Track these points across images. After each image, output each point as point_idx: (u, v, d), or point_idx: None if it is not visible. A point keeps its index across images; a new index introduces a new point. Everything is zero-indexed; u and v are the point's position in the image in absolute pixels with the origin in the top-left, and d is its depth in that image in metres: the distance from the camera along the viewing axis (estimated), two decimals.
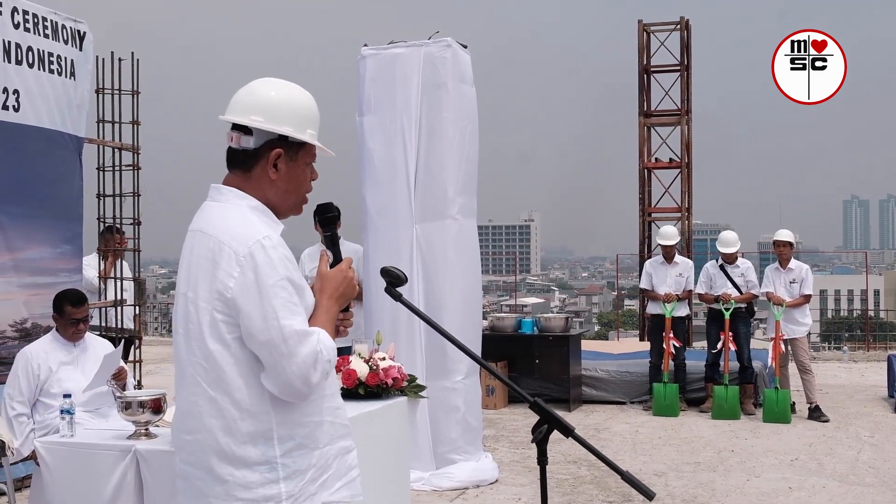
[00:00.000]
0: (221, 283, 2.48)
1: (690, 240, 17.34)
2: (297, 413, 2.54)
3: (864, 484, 7.31)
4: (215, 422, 2.50)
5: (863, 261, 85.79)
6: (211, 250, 2.52)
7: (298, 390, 2.48)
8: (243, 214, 2.57)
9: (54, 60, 7.19)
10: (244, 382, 2.49)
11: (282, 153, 2.62)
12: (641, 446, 8.78)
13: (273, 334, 2.44)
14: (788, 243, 10.41)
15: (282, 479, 2.50)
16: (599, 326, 60.63)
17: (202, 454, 2.53)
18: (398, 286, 2.81)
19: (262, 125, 2.60)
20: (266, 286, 2.45)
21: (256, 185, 2.62)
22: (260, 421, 2.49)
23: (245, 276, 2.46)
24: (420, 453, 7.07)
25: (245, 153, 2.62)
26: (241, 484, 2.49)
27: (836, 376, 13.67)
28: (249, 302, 2.45)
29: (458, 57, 7.38)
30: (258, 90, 2.67)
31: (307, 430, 2.55)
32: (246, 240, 2.49)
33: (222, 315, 2.48)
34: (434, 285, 7.30)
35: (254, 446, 2.49)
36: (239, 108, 2.64)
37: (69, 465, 4.46)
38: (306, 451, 2.55)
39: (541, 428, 2.58)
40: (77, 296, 5.83)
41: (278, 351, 2.44)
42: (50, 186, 7.22)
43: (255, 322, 2.44)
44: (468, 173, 7.46)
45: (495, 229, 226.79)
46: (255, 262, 2.47)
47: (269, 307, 2.44)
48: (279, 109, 2.63)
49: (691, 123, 17.37)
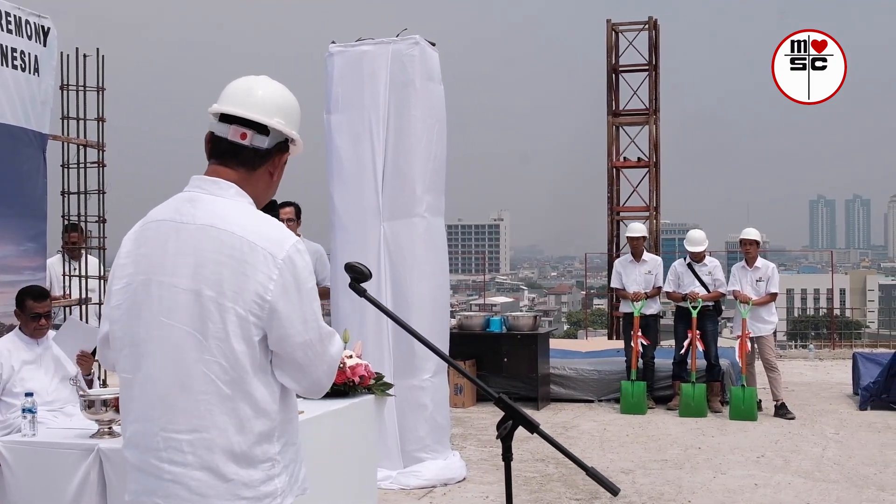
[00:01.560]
0: (260, 286, 2.45)
1: (658, 239, 17.44)
2: (289, 410, 2.61)
3: (829, 480, 7.37)
4: (228, 420, 2.46)
5: (829, 260, 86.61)
6: (238, 250, 2.46)
7: (324, 387, 2.62)
8: (255, 214, 2.56)
9: (17, 56, 7.10)
10: (261, 382, 2.50)
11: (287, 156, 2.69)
12: (609, 444, 8.80)
13: (311, 335, 2.51)
14: (755, 242, 10.48)
15: (278, 474, 2.54)
16: (568, 325, 60.86)
17: (206, 453, 2.46)
18: (362, 282, 2.80)
19: (283, 128, 2.62)
20: (306, 289, 2.51)
21: (255, 183, 2.62)
22: (271, 420, 2.52)
23: (284, 279, 2.47)
24: (388, 452, 7.05)
25: (255, 152, 2.59)
26: (244, 482, 2.48)
27: (803, 374, 13.79)
28: (290, 305, 2.47)
29: (426, 55, 7.37)
30: (274, 90, 2.66)
31: (292, 427, 2.63)
32: (282, 243, 2.50)
33: (255, 318, 2.45)
34: (402, 283, 7.28)
35: (260, 445, 2.50)
36: (261, 108, 2.60)
37: (31, 465, 4.41)
38: (292, 446, 2.62)
39: (505, 424, 2.58)
40: (39, 290, 5.80)
41: (314, 351, 2.52)
42: (13, 184, 7.13)
43: (294, 324, 2.47)
44: (436, 171, 7.45)
45: (465, 228, 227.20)
46: (294, 266, 2.49)
47: (310, 309, 2.51)
48: (295, 114, 2.68)
49: (659, 123, 17.48)
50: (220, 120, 2.59)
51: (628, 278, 10.85)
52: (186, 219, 2.52)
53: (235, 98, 2.60)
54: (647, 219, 17.17)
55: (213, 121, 2.62)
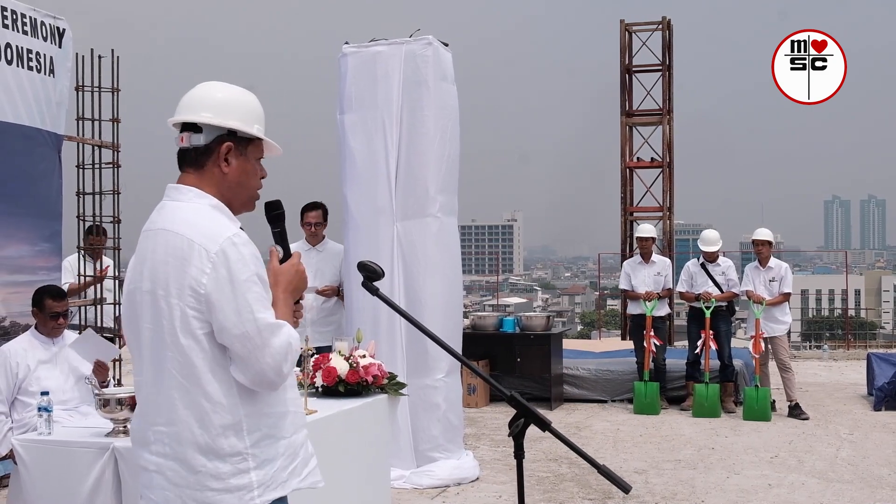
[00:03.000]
0: (194, 280, 2.55)
1: (672, 239, 17.40)
2: (262, 404, 2.63)
3: (843, 481, 7.35)
4: (190, 413, 2.57)
5: (843, 260, 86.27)
6: (180, 248, 2.59)
7: (272, 380, 2.57)
8: (207, 213, 2.66)
9: (33, 57, 7.15)
10: (213, 376, 2.57)
11: (232, 147, 2.72)
12: (622, 444, 8.80)
13: (248, 327, 2.52)
14: (767, 242, 10.46)
15: (252, 468, 2.59)
16: (582, 326, 60.76)
17: (177, 445, 2.59)
18: (375, 281, 2.81)
19: (212, 120, 2.70)
20: (239, 281, 2.54)
21: (210, 181, 2.72)
22: (231, 413, 2.57)
23: (218, 273, 2.54)
24: (401, 451, 7.06)
25: (196, 151, 2.72)
26: (212, 474, 2.56)
27: (817, 375, 13.75)
28: (223, 297, 2.53)
29: (439, 55, 7.38)
30: (203, 90, 2.78)
31: (272, 421, 2.65)
32: (217, 237, 2.58)
33: (194, 311, 2.55)
34: (415, 283, 7.29)
35: (226, 438, 2.57)
36: (186, 108, 2.75)
37: (47, 464, 4.44)
38: (273, 441, 2.64)
39: (518, 422, 2.59)
40: (58, 290, 5.87)
41: (252, 343, 2.53)
42: (29, 184, 7.17)
43: (228, 316, 2.53)
44: (449, 171, 7.45)
45: (478, 229, 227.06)
46: (227, 258, 2.55)
47: (243, 301, 2.53)
48: (226, 105, 2.74)
49: (673, 123, 17.43)
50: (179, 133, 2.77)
51: (637, 279, 10.84)
52: (151, 226, 2.71)
53: (177, 108, 2.78)
54: (660, 219, 17.13)
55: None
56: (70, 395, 5.63)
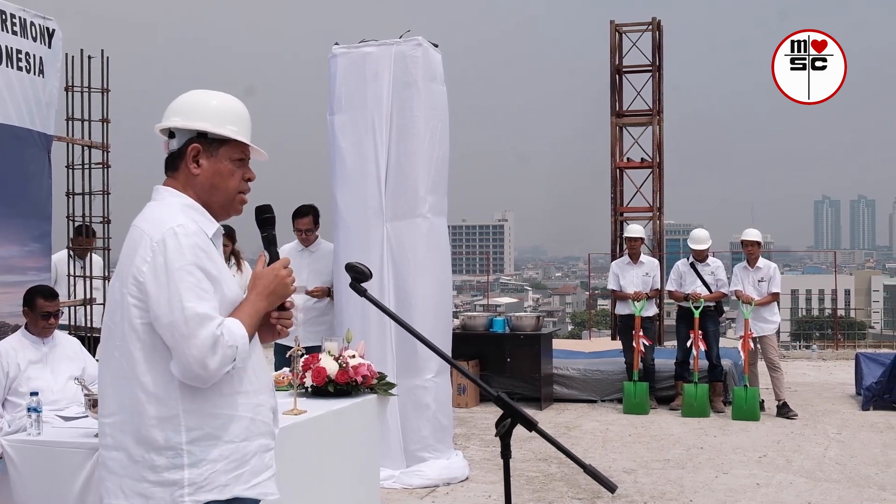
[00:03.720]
0: (136, 269, 2.60)
1: (662, 239, 17.45)
2: (209, 404, 2.61)
3: (831, 480, 7.39)
4: (130, 403, 2.60)
5: (833, 260, 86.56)
6: (134, 240, 2.66)
7: (197, 373, 2.54)
8: (171, 209, 2.70)
9: (23, 58, 7.13)
10: (149, 367, 2.58)
11: (199, 149, 2.77)
12: (611, 444, 8.82)
13: (176, 316, 2.53)
14: (757, 243, 10.50)
15: (186, 465, 2.57)
16: (573, 326, 60.81)
17: (120, 435, 2.62)
18: (363, 282, 2.82)
19: (180, 124, 2.78)
20: (173, 269, 2.56)
21: (184, 182, 2.78)
22: (166, 406, 2.57)
23: (156, 261, 2.57)
24: (390, 451, 7.08)
25: (172, 155, 2.81)
26: (149, 466, 2.58)
27: (806, 374, 13.80)
28: (157, 285, 2.56)
29: (428, 56, 7.39)
30: (180, 98, 2.86)
31: (219, 422, 2.62)
32: (161, 226, 2.62)
33: (135, 300, 2.59)
34: (405, 284, 7.31)
35: (160, 430, 2.57)
36: (164, 116, 2.84)
37: (36, 464, 4.44)
38: (216, 442, 2.61)
39: (504, 422, 2.60)
40: (49, 290, 5.88)
41: (179, 332, 2.52)
42: (19, 184, 7.16)
43: (160, 304, 2.55)
44: (439, 172, 7.47)
45: (469, 229, 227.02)
46: (165, 247, 2.58)
47: (175, 289, 2.55)
48: (195, 109, 2.81)
49: (663, 124, 17.48)
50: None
51: (625, 280, 10.87)
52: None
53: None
54: (650, 219, 17.18)
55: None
56: (60, 395, 5.62)
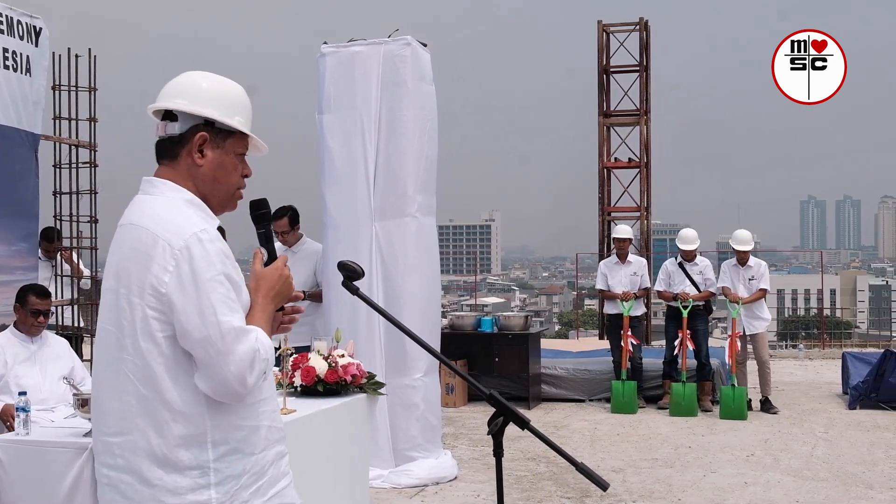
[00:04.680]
0: (155, 278, 2.37)
1: (649, 239, 17.48)
2: (234, 416, 2.44)
3: (818, 479, 7.42)
4: (147, 422, 2.39)
5: (819, 260, 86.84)
6: (144, 243, 2.41)
7: (234, 391, 2.37)
8: (178, 207, 2.49)
9: (10, 56, 7.10)
10: (174, 383, 2.38)
11: (207, 137, 2.55)
12: (600, 443, 8.84)
13: (210, 331, 2.34)
14: (748, 251, 10.56)
15: (213, 484, 2.40)
16: (560, 326, 60.86)
17: (132, 456, 2.40)
18: (355, 280, 2.80)
19: (186, 108, 2.54)
20: (203, 281, 2.36)
21: (185, 173, 2.55)
22: (193, 424, 2.39)
23: (180, 270, 2.36)
24: (379, 451, 7.07)
25: (171, 140, 2.56)
26: (169, 489, 2.38)
27: (792, 374, 13.84)
28: (185, 297, 2.35)
29: (417, 55, 7.39)
30: (183, 78, 2.63)
31: (243, 435, 2.46)
32: (182, 232, 2.40)
33: (154, 311, 2.38)
34: (393, 283, 7.30)
35: (186, 450, 2.38)
36: (163, 96, 2.60)
37: (24, 464, 4.41)
38: (241, 456, 2.45)
39: (496, 420, 2.59)
40: (42, 288, 5.89)
41: (215, 348, 2.34)
42: (5, 184, 7.13)
43: (190, 318, 2.34)
44: (428, 171, 7.46)
45: (456, 229, 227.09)
46: (191, 255, 2.37)
47: (207, 302, 2.35)
48: (205, 93, 2.58)
49: (650, 124, 17.51)
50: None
51: (614, 280, 10.88)
52: (123, 221, 2.53)
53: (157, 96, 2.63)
54: (638, 219, 17.21)
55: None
56: (48, 395, 5.61)
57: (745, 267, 10.42)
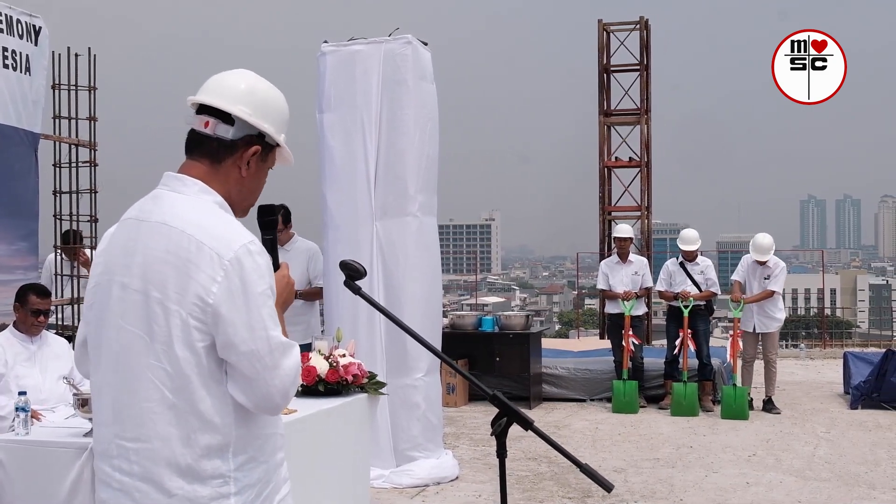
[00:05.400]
0: (203, 288, 2.30)
1: (650, 239, 17.46)
2: (255, 426, 2.42)
3: (820, 479, 7.40)
4: (174, 431, 2.33)
5: (819, 260, 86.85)
6: (185, 249, 2.33)
7: (277, 404, 2.37)
8: (215, 212, 2.42)
9: (9, 55, 7.08)
10: (207, 393, 2.33)
11: (259, 151, 2.49)
12: (601, 443, 8.82)
13: (259, 345, 2.31)
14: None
15: (233, 493, 2.36)
16: (560, 325, 60.83)
17: (151, 465, 2.34)
18: (357, 279, 2.79)
19: (249, 117, 2.46)
20: (254, 294, 2.32)
21: (223, 179, 2.47)
22: (221, 434, 2.35)
23: (230, 282, 2.30)
24: (380, 451, 7.06)
25: (219, 142, 2.46)
26: (189, 498, 2.33)
27: (794, 373, 13.83)
28: (234, 309, 2.30)
29: (418, 54, 7.37)
30: (247, 81, 2.54)
31: (259, 443, 2.44)
32: (231, 243, 2.34)
33: (197, 321, 2.30)
34: (394, 283, 7.28)
35: (210, 460, 2.34)
36: (225, 95, 2.49)
37: (25, 464, 4.40)
38: (256, 464, 2.42)
39: (500, 421, 2.57)
40: (43, 288, 5.89)
41: (262, 363, 2.31)
42: (5, 183, 7.12)
43: (239, 331, 2.30)
44: (428, 171, 7.45)
45: (456, 228, 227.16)
46: (242, 267, 2.32)
47: (257, 316, 2.31)
48: (266, 106, 2.51)
49: (651, 123, 17.49)
50: (196, 113, 2.50)
51: (615, 279, 10.87)
52: (145, 216, 2.43)
53: (207, 88, 2.52)
54: (638, 219, 17.19)
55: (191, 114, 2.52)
56: (48, 395, 5.60)
57: (764, 266, 10.36)
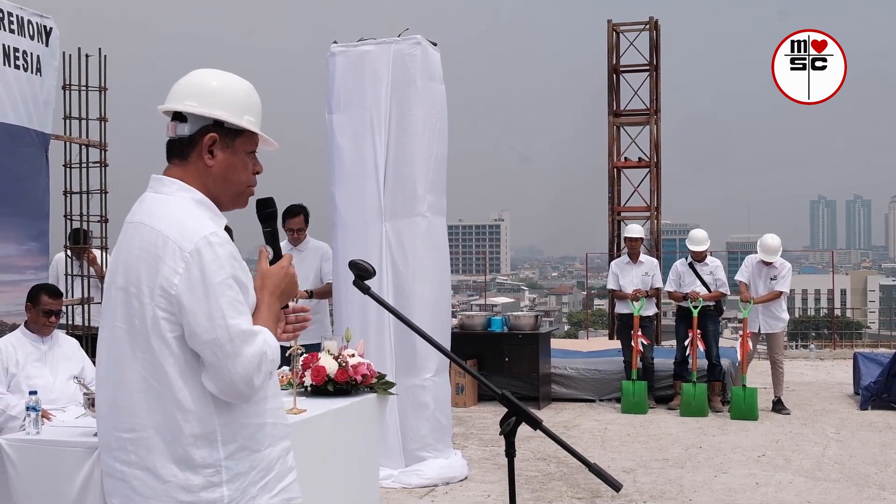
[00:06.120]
0: (166, 280, 2.40)
1: (659, 239, 17.44)
2: (240, 414, 2.49)
3: (829, 479, 7.38)
4: (161, 420, 2.43)
5: (829, 260, 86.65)
6: (154, 244, 2.44)
7: (241, 392, 2.42)
8: (188, 208, 2.51)
9: (20, 56, 7.11)
10: (184, 382, 2.43)
11: (217, 138, 2.57)
12: (610, 443, 8.81)
13: (218, 333, 2.38)
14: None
15: (225, 482, 2.45)
16: (569, 326, 60.72)
17: (145, 453, 2.45)
18: (366, 279, 2.79)
19: (196, 109, 2.56)
20: (212, 284, 2.39)
21: (195, 173, 2.57)
22: (204, 423, 2.43)
23: (190, 273, 2.39)
24: (389, 451, 7.06)
25: (181, 141, 2.58)
26: (182, 486, 2.42)
27: (804, 374, 13.80)
28: (194, 300, 2.39)
29: (427, 54, 7.38)
30: (193, 77, 2.64)
31: (249, 432, 2.51)
32: (192, 235, 2.43)
33: (164, 312, 2.41)
34: (404, 283, 7.29)
35: (198, 448, 2.42)
36: (173, 96, 2.61)
37: (35, 463, 4.41)
38: (248, 453, 2.50)
39: (509, 420, 2.58)
40: (54, 288, 5.92)
41: (223, 351, 2.38)
42: (16, 183, 7.14)
43: (199, 320, 2.38)
44: (437, 171, 7.46)
45: (465, 229, 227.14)
46: (201, 258, 2.40)
47: (216, 305, 2.38)
48: (214, 94, 2.59)
49: (660, 123, 17.47)
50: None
51: (625, 280, 10.86)
52: (130, 218, 2.57)
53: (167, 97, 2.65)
54: (647, 219, 17.17)
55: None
56: (59, 394, 5.61)
57: (770, 266, 10.33)
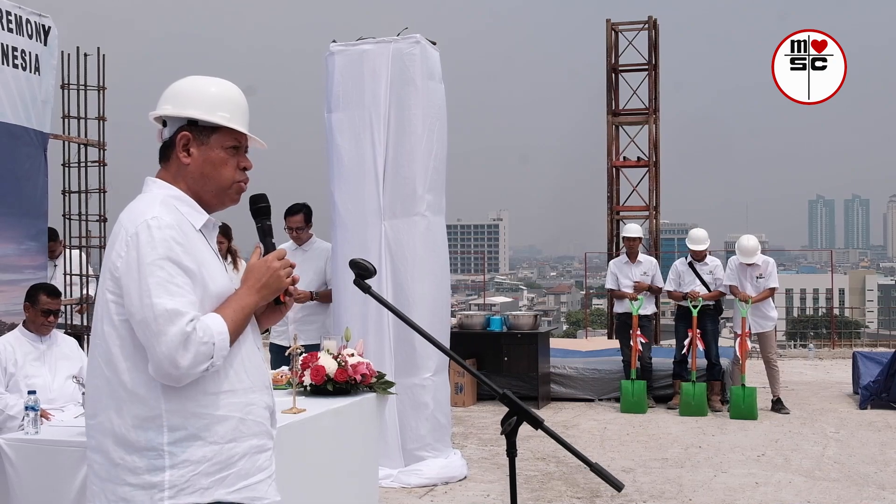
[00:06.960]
0: (112, 263, 2.52)
1: (658, 238, 17.44)
2: (191, 403, 2.50)
3: (829, 479, 7.38)
4: (111, 403, 2.52)
5: (828, 260, 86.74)
6: (114, 233, 2.58)
7: (168, 372, 2.43)
8: (153, 201, 2.59)
9: (18, 55, 7.10)
10: (130, 365, 2.49)
11: (190, 137, 2.66)
12: (609, 443, 8.81)
13: (146, 313, 2.43)
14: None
15: (167, 466, 2.47)
16: (568, 325, 60.79)
17: (101, 437, 2.54)
18: (367, 278, 2.79)
19: (172, 111, 2.67)
20: (144, 264, 2.46)
21: (175, 173, 2.67)
22: (148, 406, 2.48)
23: (129, 255, 2.48)
24: (389, 450, 7.06)
25: (165, 144, 2.70)
26: (129, 468, 2.49)
27: (803, 373, 13.80)
28: (130, 280, 2.46)
29: (426, 53, 7.37)
30: (173, 85, 2.75)
31: (203, 423, 2.51)
32: (136, 219, 2.52)
33: (112, 295, 2.51)
34: (403, 282, 7.28)
35: (142, 431, 2.48)
36: (158, 104, 2.73)
37: (34, 463, 4.40)
38: (202, 444, 2.50)
39: (510, 420, 2.57)
40: (53, 288, 5.89)
41: (150, 330, 2.42)
42: (14, 183, 7.13)
43: (133, 301, 2.45)
44: (436, 170, 7.44)
45: (464, 228, 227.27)
46: (138, 240, 2.48)
47: (145, 285, 2.44)
48: (186, 95, 2.70)
49: (659, 122, 17.47)
50: None
51: (624, 279, 10.86)
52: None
53: None
54: (646, 218, 17.17)
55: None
56: (58, 394, 5.60)
57: (753, 265, 10.35)
